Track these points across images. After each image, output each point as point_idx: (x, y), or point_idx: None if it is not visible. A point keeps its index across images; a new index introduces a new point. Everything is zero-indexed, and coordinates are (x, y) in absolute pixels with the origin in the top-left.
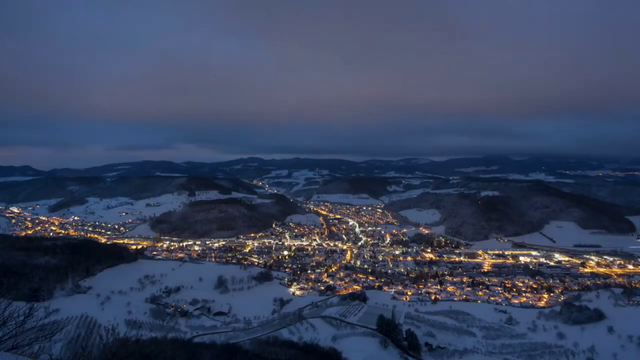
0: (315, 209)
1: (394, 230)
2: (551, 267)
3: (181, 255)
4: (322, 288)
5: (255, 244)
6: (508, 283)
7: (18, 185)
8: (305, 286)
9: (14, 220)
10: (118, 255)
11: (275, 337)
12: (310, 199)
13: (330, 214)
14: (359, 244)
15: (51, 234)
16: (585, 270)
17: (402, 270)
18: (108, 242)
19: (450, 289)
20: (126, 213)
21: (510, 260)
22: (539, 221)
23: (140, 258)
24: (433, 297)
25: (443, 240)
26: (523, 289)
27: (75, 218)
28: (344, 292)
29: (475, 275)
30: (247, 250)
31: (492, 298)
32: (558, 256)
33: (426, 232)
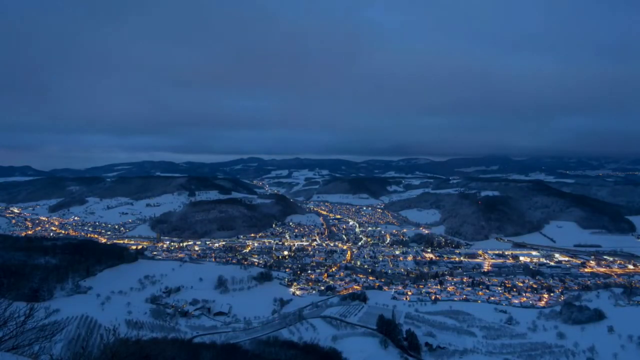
0: (315, 209)
1: (394, 230)
2: (551, 267)
3: (181, 255)
4: (322, 288)
5: (255, 244)
6: (508, 283)
7: (18, 185)
8: (306, 286)
9: (14, 221)
10: (118, 256)
11: (275, 337)
12: (310, 199)
13: (330, 214)
14: (359, 244)
15: (51, 234)
16: (585, 270)
17: (402, 270)
18: (108, 243)
19: (450, 289)
20: (126, 213)
21: (510, 260)
22: (539, 221)
23: (141, 258)
24: (433, 297)
25: (443, 240)
26: (523, 289)
27: (75, 218)
28: (344, 292)
29: (475, 275)
30: (247, 251)
31: (492, 298)
32: (558, 256)
33: (426, 232)
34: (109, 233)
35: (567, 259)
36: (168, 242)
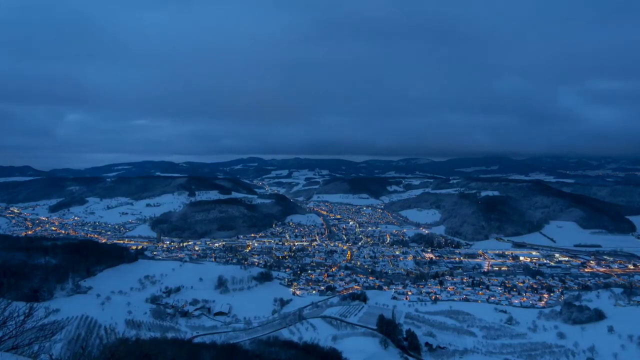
0: (315, 209)
1: (394, 230)
2: (551, 267)
3: (181, 255)
4: (323, 288)
5: (256, 244)
6: (508, 283)
7: (18, 185)
8: (306, 286)
9: (14, 221)
10: (118, 256)
11: (275, 337)
12: (310, 199)
13: (330, 214)
14: (359, 244)
15: (51, 234)
16: (586, 270)
17: (402, 270)
18: (108, 242)
19: (450, 289)
20: (126, 213)
21: (511, 260)
22: (539, 221)
23: (141, 258)
24: (433, 297)
25: (443, 240)
26: (523, 289)
27: (75, 218)
28: (344, 292)
29: (475, 275)
30: (247, 251)
31: (492, 298)
32: (558, 256)
33: (426, 232)
34: (109, 233)
35: (567, 259)
36: (168, 242)
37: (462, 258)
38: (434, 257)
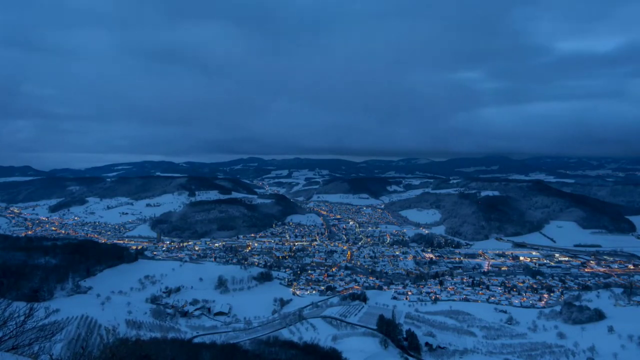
0: (315, 209)
1: (394, 230)
2: (551, 267)
3: (181, 255)
4: (323, 288)
5: (256, 244)
6: (508, 283)
7: (18, 185)
8: (306, 286)
9: (14, 221)
10: (118, 256)
11: (275, 337)
12: (310, 199)
13: (331, 214)
14: (359, 244)
15: (51, 234)
16: (586, 270)
17: (402, 270)
18: (108, 242)
19: (450, 289)
20: (126, 213)
21: (511, 260)
22: (539, 221)
23: (141, 258)
24: (433, 297)
25: (443, 240)
26: (523, 289)
27: (75, 218)
28: (344, 292)
29: (476, 275)
30: (247, 251)
31: (492, 298)
32: (558, 256)
33: (426, 232)
34: (109, 233)
35: (567, 259)
36: (168, 242)
37: (462, 258)
38: (434, 257)
